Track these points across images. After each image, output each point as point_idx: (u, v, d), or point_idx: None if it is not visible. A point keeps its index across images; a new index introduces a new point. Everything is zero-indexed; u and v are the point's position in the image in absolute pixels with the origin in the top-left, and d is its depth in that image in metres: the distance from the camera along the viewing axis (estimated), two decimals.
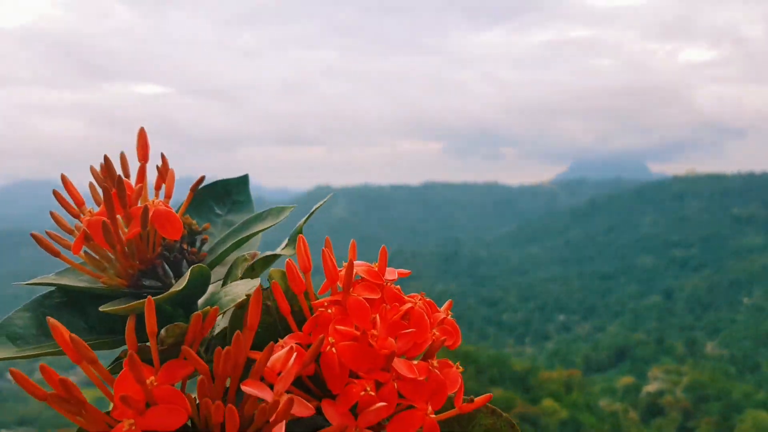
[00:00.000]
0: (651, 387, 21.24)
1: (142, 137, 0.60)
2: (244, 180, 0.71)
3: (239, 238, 0.62)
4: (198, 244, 0.63)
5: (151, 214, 0.54)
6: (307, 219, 0.64)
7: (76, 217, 0.58)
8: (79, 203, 0.58)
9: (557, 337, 33.29)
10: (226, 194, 0.70)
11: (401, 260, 51.02)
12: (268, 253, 0.62)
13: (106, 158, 0.58)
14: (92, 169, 0.58)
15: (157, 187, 0.59)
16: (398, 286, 0.53)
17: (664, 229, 62.27)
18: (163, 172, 0.60)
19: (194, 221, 0.62)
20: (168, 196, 0.59)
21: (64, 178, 0.59)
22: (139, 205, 0.56)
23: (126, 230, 0.56)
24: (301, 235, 0.56)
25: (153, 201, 0.56)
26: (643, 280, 45.57)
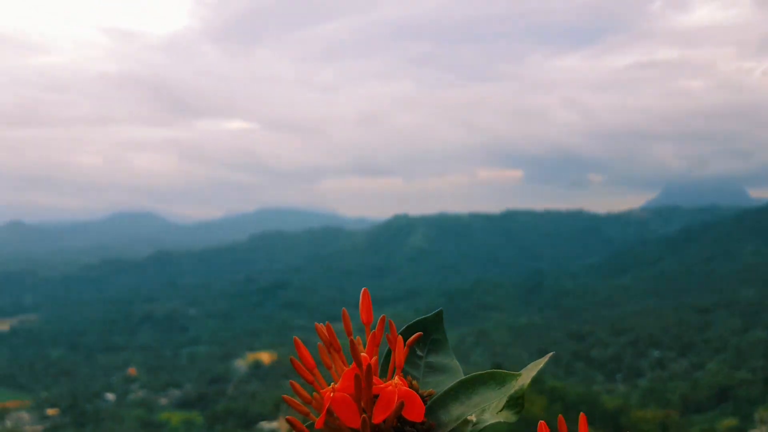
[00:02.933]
0: (757, 431, 19.67)
1: (365, 299, 0.61)
2: (438, 317, 0.71)
3: (462, 399, 0.61)
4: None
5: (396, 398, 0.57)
6: (529, 384, 0.62)
7: (311, 383, 0.61)
8: (311, 367, 0.61)
9: (651, 374, 31.53)
10: (425, 333, 0.70)
11: (481, 291, 50.15)
12: (490, 421, 0.61)
13: (332, 327, 0.62)
14: (319, 328, 0.60)
15: (375, 344, 0.60)
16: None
17: None
18: (392, 339, 0.61)
19: (427, 391, 0.62)
20: (399, 366, 0.59)
21: (297, 342, 0.61)
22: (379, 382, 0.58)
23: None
24: None
25: (395, 382, 0.57)
26: (746, 314, 42.61)
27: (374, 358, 0.59)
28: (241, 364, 31.40)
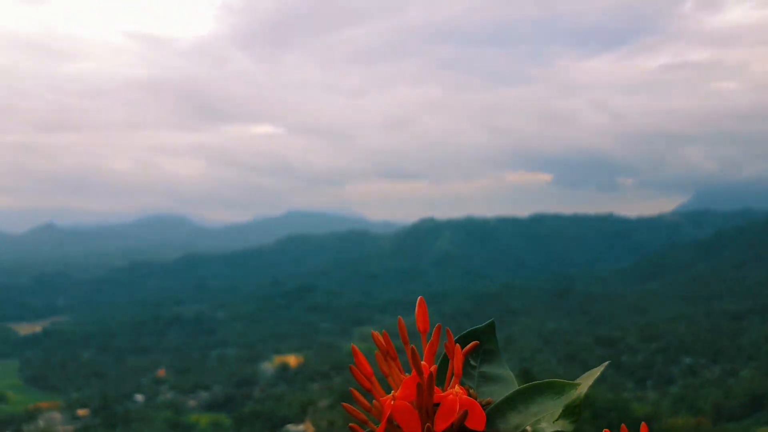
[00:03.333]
0: None
1: (421, 307, 0.61)
2: (491, 327, 0.71)
3: (520, 409, 0.61)
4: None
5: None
6: (585, 392, 0.63)
7: (369, 390, 0.62)
8: (368, 374, 0.62)
9: (682, 381, 30.93)
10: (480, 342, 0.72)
11: (508, 295, 49.74)
12: (548, 431, 0.61)
13: (390, 336, 0.62)
14: (375, 336, 0.61)
15: (432, 353, 0.61)
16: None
17: None
18: (450, 348, 0.61)
19: (485, 400, 0.63)
20: (458, 375, 0.60)
21: (355, 350, 0.62)
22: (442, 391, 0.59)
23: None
24: None
25: (456, 391, 0.58)
26: None
27: (433, 367, 0.59)
28: (268, 366, 31.61)
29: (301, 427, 18.87)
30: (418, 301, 0.64)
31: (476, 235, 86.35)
